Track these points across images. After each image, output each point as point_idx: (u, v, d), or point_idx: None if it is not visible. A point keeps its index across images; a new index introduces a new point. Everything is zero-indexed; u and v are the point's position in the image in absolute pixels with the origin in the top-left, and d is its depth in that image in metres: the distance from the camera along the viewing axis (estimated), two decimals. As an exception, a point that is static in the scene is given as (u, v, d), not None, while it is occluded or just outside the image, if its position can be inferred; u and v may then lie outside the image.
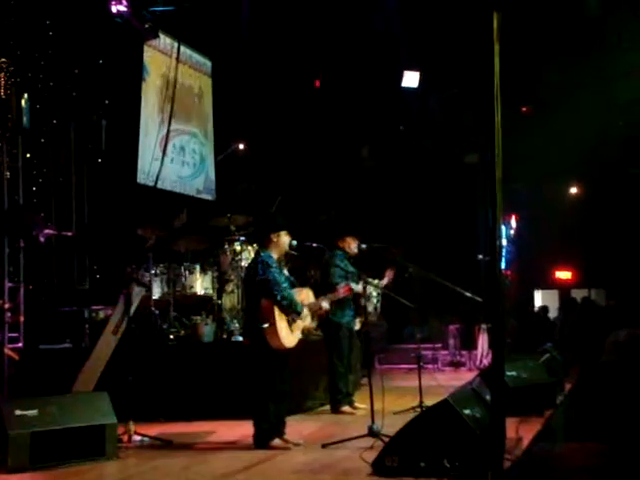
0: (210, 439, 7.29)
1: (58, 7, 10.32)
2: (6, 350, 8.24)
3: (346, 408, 8.58)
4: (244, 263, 9.20)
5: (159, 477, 5.80)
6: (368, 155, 16.62)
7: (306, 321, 7.00)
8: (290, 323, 6.74)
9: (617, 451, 4.28)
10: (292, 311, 6.73)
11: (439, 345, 13.92)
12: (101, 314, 9.17)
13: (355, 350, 8.92)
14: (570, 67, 14.49)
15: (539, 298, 20.17)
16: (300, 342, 7.04)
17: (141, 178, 11.47)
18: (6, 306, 8.38)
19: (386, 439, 5.94)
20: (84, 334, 8.97)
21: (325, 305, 7.42)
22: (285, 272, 7.15)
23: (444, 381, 10.39)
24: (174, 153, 12.54)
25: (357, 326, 9.14)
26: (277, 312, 6.63)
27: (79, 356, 7.85)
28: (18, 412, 6.13)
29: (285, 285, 6.72)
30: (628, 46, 13.54)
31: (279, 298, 6.62)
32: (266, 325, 6.61)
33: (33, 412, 6.18)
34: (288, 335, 6.71)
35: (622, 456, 4.17)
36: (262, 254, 6.86)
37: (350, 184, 15.60)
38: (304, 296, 7.07)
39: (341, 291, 7.83)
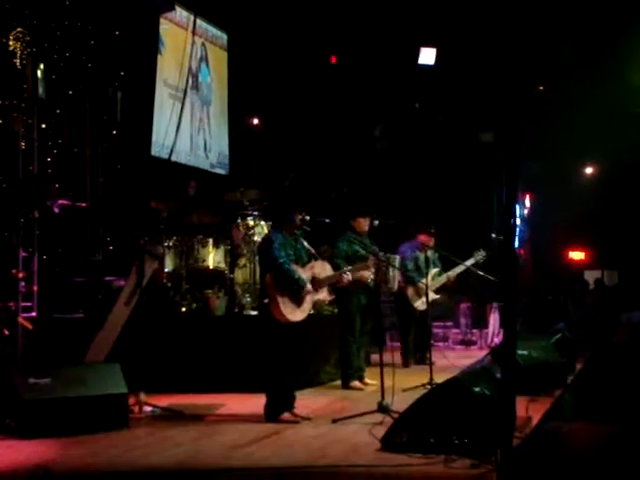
0: (220, 411, 7.32)
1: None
2: (20, 319, 8.29)
3: (356, 383, 8.61)
4: (257, 238, 9.21)
5: (169, 448, 5.84)
6: (383, 132, 16.55)
7: (321, 294, 7.01)
8: (296, 297, 6.72)
9: (627, 432, 4.28)
10: (294, 285, 6.67)
11: (450, 323, 13.95)
12: (114, 285, 9.21)
13: (368, 325, 8.89)
14: (587, 46, 14.36)
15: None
16: (312, 316, 7.03)
17: (155, 151, 11.49)
18: (20, 275, 8.42)
19: (395, 415, 5.96)
20: (97, 304, 9.01)
21: (348, 277, 7.44)
22: (305, 244, 7.03)
23: (454, 359, 10.41)
24: (188, 126, 12.52)
25: (423, 306, 9.67)
26: (278, 287, 6.63)
27: (92, 326, 7.88)
28: (32, 380, 6.21)
29: (283, 260, 6.64)
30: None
31: (276, 272, 6.63)
32: (266, 300, 6.66)
33: (46, 380, 6.26)
34: (293, 309, 6.69)
35: (632, 437, 4.17)
36: (270, 232, 7.20)
37: (364, 161, 15.56)
38: (319, 269, 7.04)
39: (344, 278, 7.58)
